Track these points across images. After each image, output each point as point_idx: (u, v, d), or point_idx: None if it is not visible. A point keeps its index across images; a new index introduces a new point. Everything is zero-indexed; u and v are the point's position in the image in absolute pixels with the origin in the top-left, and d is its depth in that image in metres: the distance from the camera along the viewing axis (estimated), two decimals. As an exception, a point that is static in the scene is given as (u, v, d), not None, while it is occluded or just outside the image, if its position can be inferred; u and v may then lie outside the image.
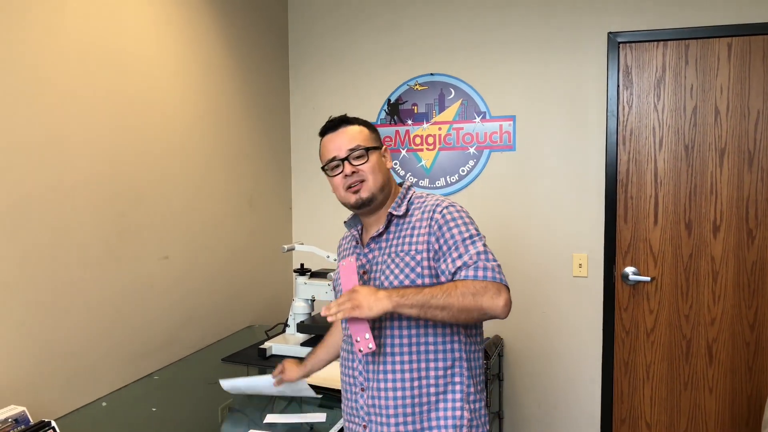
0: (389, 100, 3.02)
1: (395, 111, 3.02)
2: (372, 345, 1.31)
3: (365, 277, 1.48)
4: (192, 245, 2.38)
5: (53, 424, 1.50)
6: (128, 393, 1.95)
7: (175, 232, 2.27)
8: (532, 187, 2.86)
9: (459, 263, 1.35)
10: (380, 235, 1.48)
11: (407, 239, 1.44)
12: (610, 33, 2.69)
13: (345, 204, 1.49)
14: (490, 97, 2.89)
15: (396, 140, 3.03)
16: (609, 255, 2.76)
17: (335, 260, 2.38)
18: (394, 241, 1.46)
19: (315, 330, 2.32)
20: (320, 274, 2.43)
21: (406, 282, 1.38)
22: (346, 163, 1.44)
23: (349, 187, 1.45)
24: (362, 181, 1.44)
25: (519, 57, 2.84)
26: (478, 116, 2.90)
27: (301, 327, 2.34)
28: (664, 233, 2.71)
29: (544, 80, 2.81)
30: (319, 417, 1.72)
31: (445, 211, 1.42)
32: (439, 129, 2.97)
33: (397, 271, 1.41)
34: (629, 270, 2.75)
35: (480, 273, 1.33)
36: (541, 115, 2.83)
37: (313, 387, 1.93)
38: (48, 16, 1.70)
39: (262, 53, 2.92)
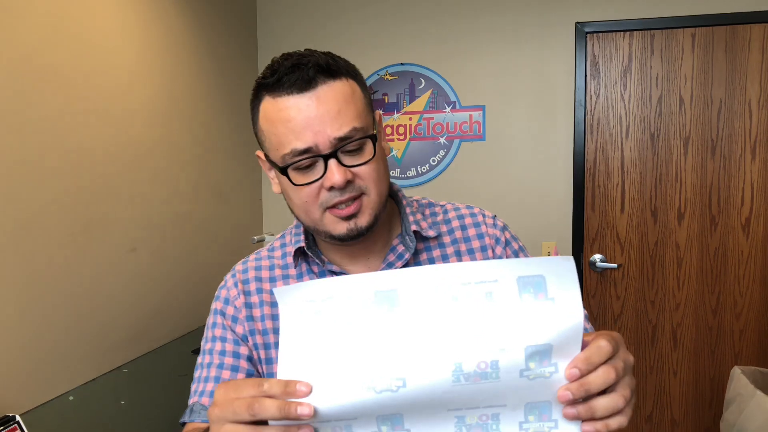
0: (360, 89, 3.01)
1: (366, 101, 3.01)
2: None
3: None
4: (160, 237, 2.35)
5: (18, 418, 1.48)
6: (96, 386, 1.92)
7: (142, 224, 2.24)
8: (502, 177, 2.88)
9: None
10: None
11: None
12: (577, 23, 2.72)
13: (319, 233, 0.86)
14: (460, 86, 2.90)
15: (367, 130, 3.03)
16: (577, 243, 2.80)
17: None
18: None
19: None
20: (291, 265, 2.42)
21: None
22: (332, 163, 0.79)
23: (334, 206, 0.82)
24: (360, 198, 0.83)
25: (488, 47, 2.85)
26: (449, 106, 2.91)
27: (272, 318, 2.33)
28: (630, 221, 2.76)
29: (513, 70, 2.83)
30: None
31: (511, 232, 1.01)
32: (410, 119, 2.97)
33: None
34: (597, 257, 2.80)
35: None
36: (510, 104, 2.85)
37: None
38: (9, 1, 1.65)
39: (231, 44, 2.88)
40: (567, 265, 0.58)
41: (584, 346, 0.59)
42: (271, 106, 0.82)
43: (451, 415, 0.59)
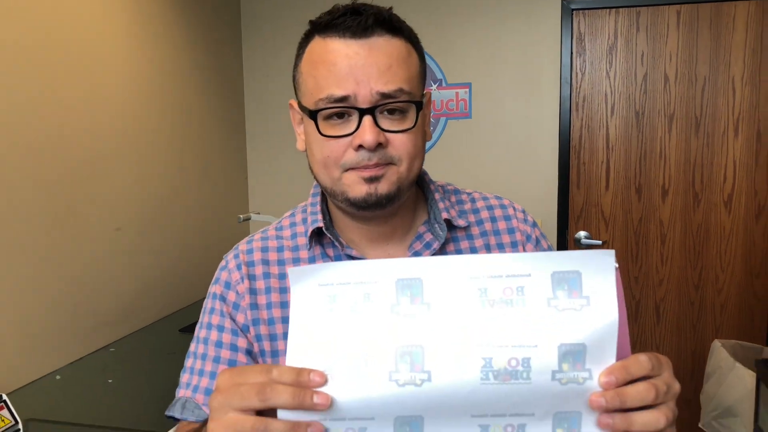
0: (345, 67, 2.99)
1: (352, 78, 2.99)
2: None
3: None
4: (145, 216, 2.33)
5: (5, 397, 1.48)
6: (83, 365, 1.92)
7: (127, 203, 2.22)
8: (488, 155, 2.89)
9: None
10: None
11: None
12: (563, 0, 2.71)
13: (336, 195, 0.79)
14: (446, 64, 2.89)
15: (353, 108, 3.01)
16: (562, 220, 2.82)
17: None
18: None
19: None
20: (278, 243, 2.42)
21: None
22: (367, 120, 0.73)
23: (351, 168, 0.76)
24: (387, 165, 0.76)
25: (474, 24, 2.84)
26: (435, 83, 2.90)
27: (259, 296, 2.33)
28: (615, 198, 2.78)
29: (500, 47, 2.82)
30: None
31: (539, 229, 0.94)
32: (396, 96, 2.95)
33: None
34: (581, 234, 2.82)
35: None
36: (497, 82, 2.85)
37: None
38: (-18, -24, 1.61)
39: (213, 16, 2.84)
40: (606, 260, 0.55)
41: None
42: (318, 47, 0.76)
43: (474, 423, 0.54)
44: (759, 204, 2.63)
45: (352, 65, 0.72)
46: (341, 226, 0.86)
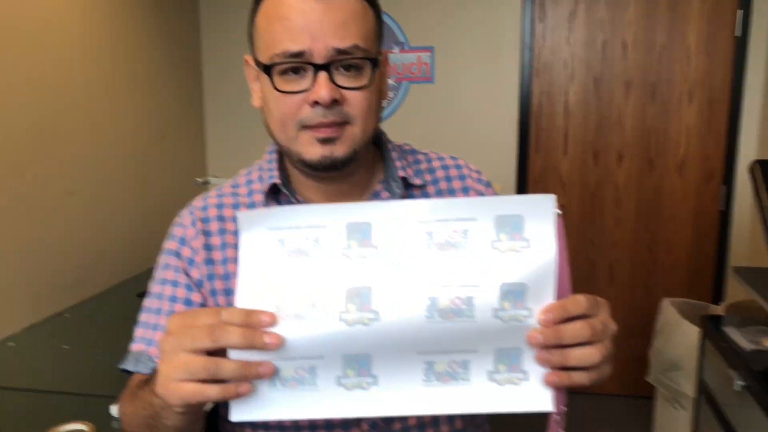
0: (306, 28, 2.93)
1: (312, 40, 2.93)
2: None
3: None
4: (99, 180, 2.26)
5: (-46, 364, 1.43)
6: (37, 332, 1.87)
7: (80, 166, 2.15)
8: (449, 119, 2.89)
9: None
10: None
11: None
12: (526, -37, 2.70)
13: (292, 154, 0.79)
14: (408, 27, 2.85)
15: (313, 71, 2.96)
16: (521, 184, 2.86)
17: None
18: None
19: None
20: (238, 207, 2.38)
21: None
22: (322, 76, 0.73)
23: (307, 126, 0.75)
24: (343, 125, 0.75)
25: (437, -14, 2.81)
26: (397, 46, 2.87)
27: (219, 260, 2.30)
28: (573, 163, 2.83)
29: (462, 11, 2.80)
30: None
31: (494, 188, 0.95)
32: (358, 59, 2.92)
33: None
34: (540, 198, 2.87)
35: None
36: (459, 46, 2.83)
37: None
38: None
39: (168, -26, 2.73)
40: (546, 204, 0.57)
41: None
42: (273, 2, 0.75)
43: (420, 360, 0.57)
44: (710, 168, 2.72)
45: (308, 20, 0.72)
46: (297, 185, 0.85)
